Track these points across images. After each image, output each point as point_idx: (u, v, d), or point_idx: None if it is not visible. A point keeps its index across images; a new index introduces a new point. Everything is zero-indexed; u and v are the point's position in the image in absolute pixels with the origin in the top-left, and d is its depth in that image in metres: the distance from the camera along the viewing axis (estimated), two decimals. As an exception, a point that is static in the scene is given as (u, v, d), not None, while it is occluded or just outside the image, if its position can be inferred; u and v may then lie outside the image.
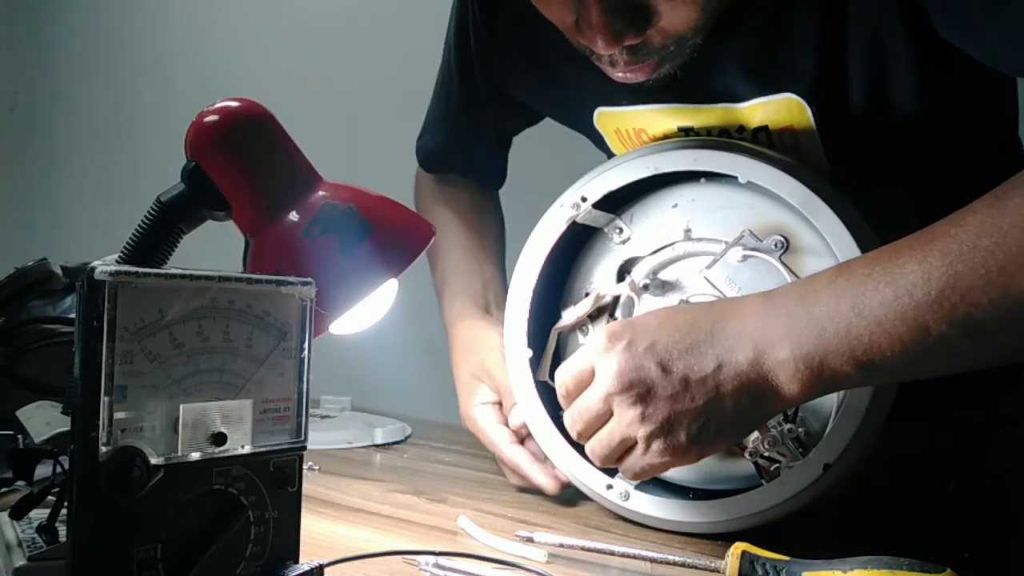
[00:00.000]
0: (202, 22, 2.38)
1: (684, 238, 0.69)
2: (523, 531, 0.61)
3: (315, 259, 0.53)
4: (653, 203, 0.71)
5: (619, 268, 0.72)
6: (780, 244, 0.64)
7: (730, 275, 0.66)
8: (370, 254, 0.54)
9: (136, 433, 0.40)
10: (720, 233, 0.67)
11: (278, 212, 0.55)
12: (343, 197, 0.56)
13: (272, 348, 0.45)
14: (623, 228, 0.72)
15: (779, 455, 0.64)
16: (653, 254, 0.70)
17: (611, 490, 0.69)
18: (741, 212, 0.67)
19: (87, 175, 2.62)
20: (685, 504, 0.67)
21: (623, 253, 0.72)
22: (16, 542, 0.51)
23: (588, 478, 0.70)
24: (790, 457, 0.64)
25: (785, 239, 0.64)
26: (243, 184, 0.55)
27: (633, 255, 0.72)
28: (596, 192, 0.70)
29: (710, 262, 0.66)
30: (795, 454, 0.64)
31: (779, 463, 0.64)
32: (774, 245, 0.64)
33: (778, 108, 0.69)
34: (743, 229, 0.65)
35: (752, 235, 0.65)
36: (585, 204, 0.70)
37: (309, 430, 0.47)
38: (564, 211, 0.71)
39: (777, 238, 0.65)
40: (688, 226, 0.69)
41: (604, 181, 0.70)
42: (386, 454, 0.95)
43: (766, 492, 0.64)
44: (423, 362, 1.65)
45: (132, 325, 0.39)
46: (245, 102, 0.56)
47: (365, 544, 0.60)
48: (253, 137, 0.56)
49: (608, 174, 0.70)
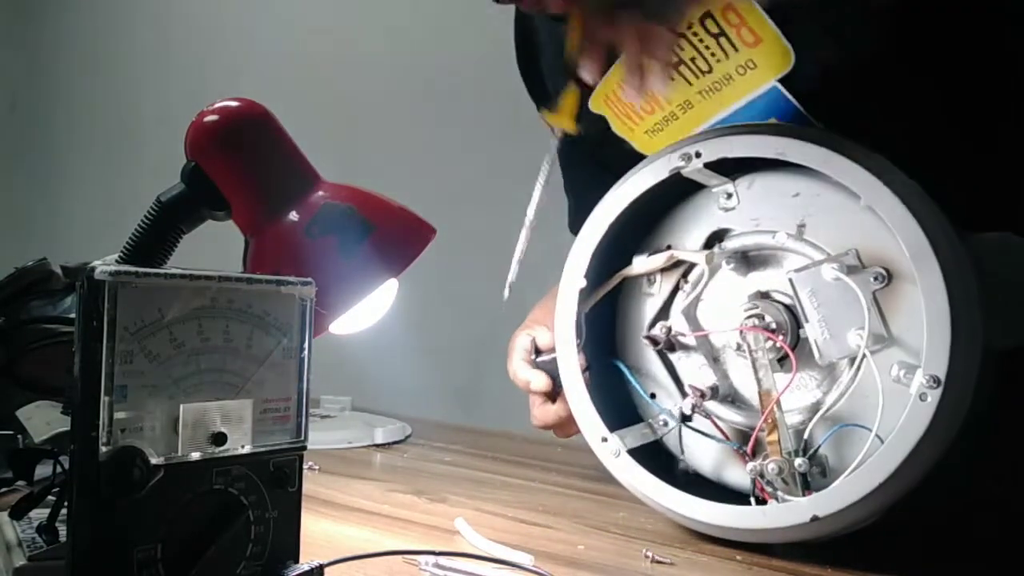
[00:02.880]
0: (202, 22, 2.38)
1: (796, 233, 0.63)
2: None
3: (315, 259, 0.53)
4: (775, 182, 0.65)
5: (711, 234, 0.68)
6: (881, 278, 0.58)
7: (815, 288, 0.60)
8: (370, 254, 0.54)
9: (136, 433, 0.40)
10: (832, 239, 0.62)
11: (278, 212, 0.55)
12: (343, 197, 0.56)
13: (272, 348, 0.45)
14: (733, 194, 0.66)
15: (783, 481, 0.61)
16: (752, 234, 0.66)
17: (604, 443, 0.68)
18: (863, 226, 0.60)
19: (87, 175, 2.62)
20: (665, 487, 0.65)
21: (722, 220, 0.67)
22: (16, 542, 0.51)
23: (588, 427, 0.69)
24: (786, 491, 0.61)
25: (888, 273, 0.58)
26: (243, 184, 0.55)
27: (731, 227, 0.67)
28: (713, 153, 0.64)
29: (802, 267, 0.61)
30: (793, 490, 0.60)
31: (775, 491, 0.61)
32: (873, 278, 0.59)
33: None
34: (851, 248, 0.60)
35: (857, 257, 0.59)
36: (697, 160, 0.64)
37: (309, 430, 0.47)
38: (671, 160, 0.66)
39: (879, 271, 0.59)
40: (804, 221, 0.63)
41: (726, 145, 0.63)
42: (386, 454, 0.95)
43: (747, 512, 0.61)
44: (423, 362, 1.66)
45: (132, 325, 0.39)
46: (245, 102, 0.56)
47: (365, 544, 0.60)
48: (253, 137, 0.56)
49: (732, 139, 0.63)
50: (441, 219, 0.61)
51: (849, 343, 0.59)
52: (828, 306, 0.60)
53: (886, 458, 0.56)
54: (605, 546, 0.63)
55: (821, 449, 0.62)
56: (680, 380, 0.70)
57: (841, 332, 0.60)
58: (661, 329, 0.69)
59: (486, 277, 1.88)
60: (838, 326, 0.60)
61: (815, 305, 0.61)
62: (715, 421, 0.67)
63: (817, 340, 0.61)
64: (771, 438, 0.62)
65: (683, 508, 0.64)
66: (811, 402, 0.63)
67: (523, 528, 0.67)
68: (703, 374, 0.68)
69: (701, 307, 0.69)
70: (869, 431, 0.58)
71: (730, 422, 0.67)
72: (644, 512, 0.72)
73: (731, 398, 0.68)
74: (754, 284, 0.66)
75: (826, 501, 0.58)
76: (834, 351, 0.60)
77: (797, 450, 0.61)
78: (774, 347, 0.62)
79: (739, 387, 0.67)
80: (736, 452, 0.65)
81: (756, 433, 0.63)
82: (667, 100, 0.72)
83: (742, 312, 0.64)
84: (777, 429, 0.61)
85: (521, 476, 0.86)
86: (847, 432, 0.61)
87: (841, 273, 0.59)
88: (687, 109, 0.72)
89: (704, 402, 0.66)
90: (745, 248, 0.66)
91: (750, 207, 0.66)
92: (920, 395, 0.55)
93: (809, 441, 0.61)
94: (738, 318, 0.64)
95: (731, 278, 0.67)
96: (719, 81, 0.69)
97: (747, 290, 0.66)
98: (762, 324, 0.63)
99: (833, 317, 0.60)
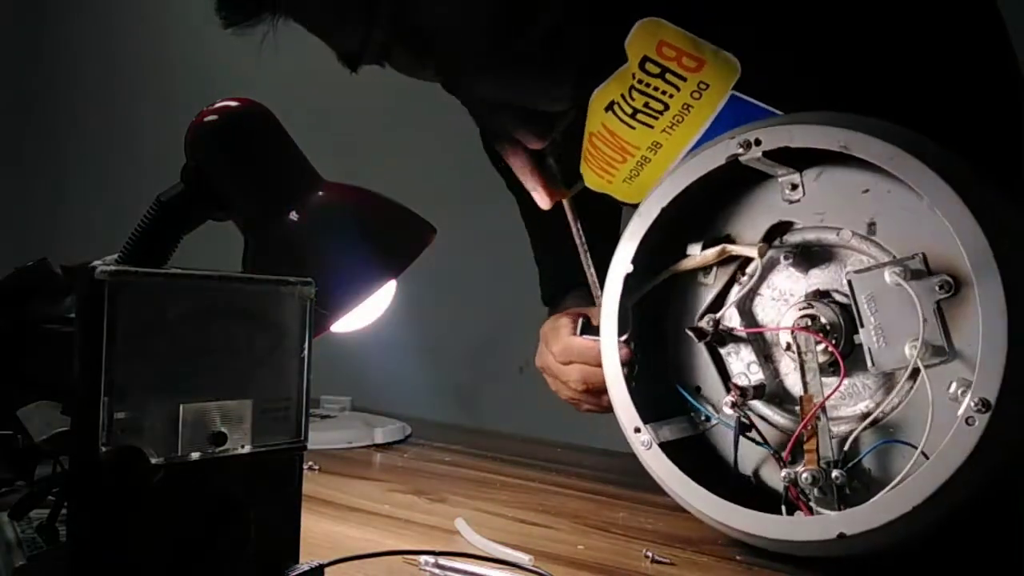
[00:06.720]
0: (202, 22, 2.38)
1: (866, 232, 0.60)
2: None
3: (315, 259, 0.53)
4: (845, 176, 0.61)
5: (773, 226, 0.65)
6: (947, 286, 0.54)
7: (876, 292, 0.57)
8: (370, 254, 0.54)
9: (136, 433, 0.40)
10: (901, 240, 0.58)
11: (278, 212, 0.55)
12: (343, 197, 0.56)
13: (272, 348, 0.45)
14: (799, 186, 0.63)
15: (822, 492, 0.58)
16: (816, 229, 0.63)
17: (638, 434, 0.65)
18: (934, 229, 0.55)
19: (87, 175, 2.62)
20: (691, 484, 0.62)
21: (786, 212, 0.64)
22: (16, 542, 0.51)
23: (625, 414, 0.66)
24: (822, 503, 0.58)
25: (953, 282, 0.54)
26: (243, 184, 0.55)
27: (795, 220, 0.64)
28: (772, 141, 0.61)
29: (862, 268, 0.58)
30: (830, 503, 0.58)
31: (809, 501, 0.58)
32: (938, 286, 0.55)
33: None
34: (918, 252, 0.56)
35: (924, 262, 0.56)
36: (756, 149, 0.61)
37: (309, 430, 0.47)
38: (729, 147, 0.62)
39: (946, 279, 0.54)
40: (874, 219, 0.60)
41: (786, 134, 0.60)
42: (386, 454, 0.95)
43: (772, 521, 0.58)
44: (423, 362, 1.66)
45: (132, 325, 0.39)
46: (245, 101, 0.56)
47: (365, 544, 0.60)
48: (253, 136, 0.56)
49: (795, 128, 0.60)
50: (441, 219, 0.61)
51: (905, 353, 0.57)
52: (886, 312, 0.57)
53: (923, 480, 0.52)
54: (605, 546, 0.63)
55: (866, 463, 0.59)
56: (729, 375, 0.68)
57: (898, 341, 0.57)
58: (708, 322, 0.67)
59: (486, 277, 1.89)
60: (895, 334, 0.57)
61: (873, 310, 0.58)
62: (753, 422, 0.64)
63: (871, 347, 0.58)
64: (809, 445, 0.59)
65: (709, 508, 0.61)
66: (862, 412, 0.60)
67: (523, 528, 0.67)
68: (752, 371, 0.66)
69: (758, 301, 0.66)
70: (914, 448, 0.55)
71: (775, 424, 0.65)
72: (644, 512, 0.72)
73: (779, 399, 0.65)
74: (814, 282, 0.63)
75: (855, 519, 0.54)
76: (888, 360, 0.58)
77: (837, 461, 0.58)
78: (825, 350, 0.60)
79: (789, 388, 0.65)
80: (772, 456, 0.63)
81: (794, 438, 0.60)
82: (634, 147, 0.73)
83: (796, 311, 0.62)
84: (817, 436, 0.59)
85: (521, 476, 0.86)
86: (899, 449, 0.58)
87: (901, 279, 0.56)
88: (657, 149, 0.73)
89: (747, 401, 0.64)
90: (807, 243, 0.63)
91: (816, 200, 0.63)
92: (967, 419, 0.51)
93: (852, 453, 0.59)
94: (793, 316, 0.62)
95: (791, 273, 0.64)
96: (679, 113, 0.70)
97: (806, 287, 0.63)
98: (815, 325, 0.61)
99: (891, 324, 0.57)
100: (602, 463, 0.93)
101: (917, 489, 0.52)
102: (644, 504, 0.73)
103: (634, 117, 0.71)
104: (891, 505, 0.53)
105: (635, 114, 0.71)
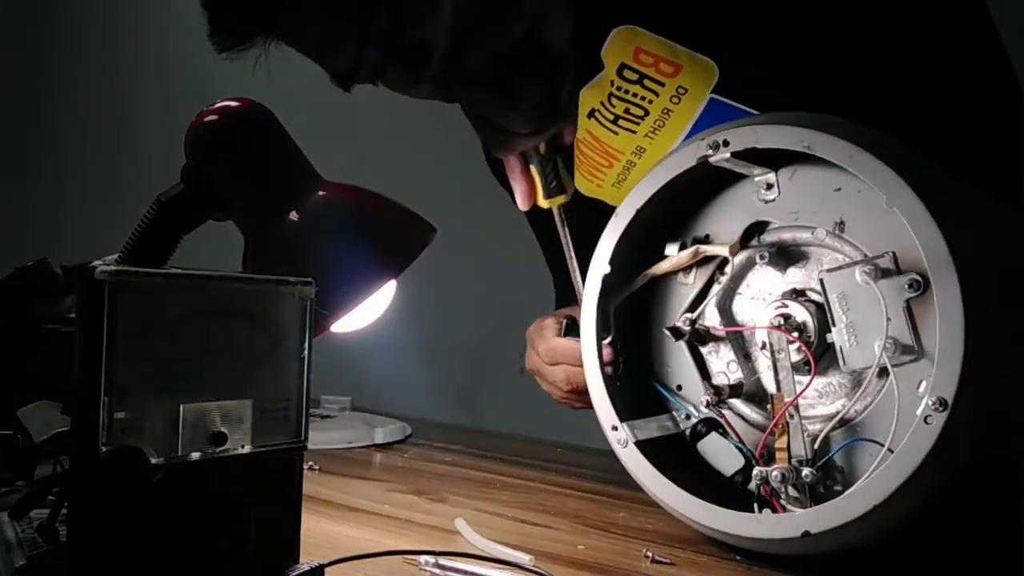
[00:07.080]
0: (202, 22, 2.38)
1: (833, 229, 0.61)
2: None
3: (315, 259, 0.53)
4: (818, 176, 0.61)
5: (750, 225, 0.65)
6: (916, 285, 0.54)
7: (847, 291, 0.58)
8: (370, 254, 0.54)
9: (136, 433, 0.40)
10: (873, 239, 0.58)
11: (278, 212, 0.55)
12: (343, 197, 0.56)
13: (272, 348, 0.45)
14: (774, 185, 0.63)
15: (795, 490, 0.59)
16: (791, 228, 0.63)
17: (615, 432, 0.66)
18: (903, 227, 0.55)
19: (87, 175, 2.62)
20: (665, 482, 0.63)
21: (762, 212, 0.65)
22: (16, 542, 0.51)
23: (603, 413, 0.67)
24: (794, 502, 0.59)
25: (923, 281, 0.54)
26: (243, 184, 0.55)
27: (771, 219, 0.64)
28: (739, 142, 0.61)
29: (834, 267, 0.59)
30: (803, 501, 0.58)
31: (779, 499, 0.59)
32: (907, 285, 0.55)
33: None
34: (888, 251, 0.56)
35: (893, 261, 0.56)
36: (724, 150, 0.61)
37: (309, 430, 0.47)
38: (699, 148, 0.63)
39: (915, 277, 0.54)
40: (842, 219, 0.60)
41: (752, 134, 0.61)
42: (386, 454, 0.95)
43: (742, 519, 0.59)
44: (423, 362, 1.66)
45: (132, 325, 0.39)
46: (245, 101, 0.56)
47: (365, 544, 0.60)
48: (253, 137, 0.56)
49: (760, 128, 0.61)
50: (441, 219, 0.61)
51: (875, 352, 0.56)
52: (858, 311, 0.57)
53: (884, 479, 0.53)
54: (605, 546, 0.63)
55: (839, 462, 0.59)
56: (709, 374, 0.68)
57: (868, 339, 0.57)
58: (685, 321, 0.67)
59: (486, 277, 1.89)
60: (866, 333, 0.57)
61: (845, 309, 0.58)
62: (728, 421, 0.65)
63: (843, 346, 0.58)
64: (780, 444, 0.60)
65: (682, 506, 0.62)
66: (835, 411, 0.60)
67: (523, 528, 0.67)
68: (731, 370, 0.67)
69: (738, 300, 0.67)
70: (881, 447, 0.55)
71: (752, 422, 0.65)
72: (644, 512, 0.72)
73: (757, 398, 0.66)
74: (791, 280, 0.64)
75: (819, 517, 0.55)
76: (858, 359, 0.58)
77: (809, 459, 0.59)
78: (798, 349, 0.60)
79: (766, 387, 0.65)
80: (745, 455, 0.63)
81: (765, 437, 0.61)
82: (619, 152, 0.75)
83: (772, 309, 0.62)
84: (788, 434, 0.59)
85: (521, 476, 0.86)
86: (873, 448, 0.58)
87: (870, 277, 0.56)
88: (641, 154, 0.74)
89: (723, 400, 0.65)
90: (783, 242, 0.64)
91: (790, 199, 0.63)
92: (926, 417, 0.51)
93: (825, 452, 0.59)
94: (769, 315, 0.62)
95: (769, 272, 0.65)
96: (659, 118, 0.71)
97: (783, 286, 0.64)
98: (789, 324, 0.61)
99: (862, 323, 0.57)
100: (602, 463, 0.93)
101: (877, 488, 0.53)
102: (644, 504, 0.73)
103: (616, 123, 0.73)
104: (852, 504, 0.54)
105: (617, 120, 0.73)
